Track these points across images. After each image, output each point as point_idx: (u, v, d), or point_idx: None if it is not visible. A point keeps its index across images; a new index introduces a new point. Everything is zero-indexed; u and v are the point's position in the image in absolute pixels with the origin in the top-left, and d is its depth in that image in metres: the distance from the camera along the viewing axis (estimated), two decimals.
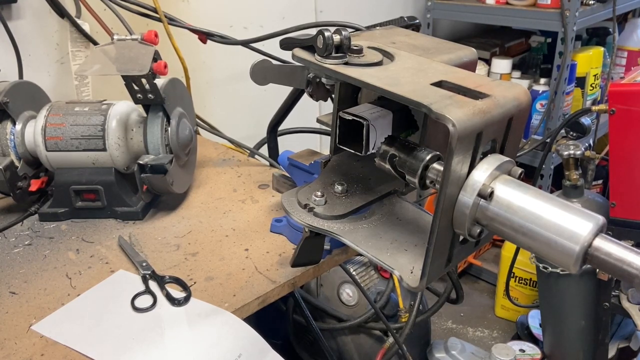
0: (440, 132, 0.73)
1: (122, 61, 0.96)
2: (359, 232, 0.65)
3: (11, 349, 0.73)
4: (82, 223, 1.02)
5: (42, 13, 1.34)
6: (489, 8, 2.29)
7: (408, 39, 0.74)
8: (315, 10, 2.05)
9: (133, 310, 0.79)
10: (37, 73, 1.36)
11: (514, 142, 0.60)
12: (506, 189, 0.54)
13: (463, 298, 1.69)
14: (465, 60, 0.72)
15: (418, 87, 0.57)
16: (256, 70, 0.84)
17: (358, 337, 1.60)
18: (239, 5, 1.81)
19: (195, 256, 0.92)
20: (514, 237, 0.55)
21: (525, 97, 0.59)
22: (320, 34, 0.60)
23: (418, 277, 0.58)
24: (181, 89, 1.10)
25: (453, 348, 1.87)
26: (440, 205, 0.53)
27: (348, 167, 0.73)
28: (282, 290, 0.85)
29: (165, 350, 0.72)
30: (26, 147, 1.02)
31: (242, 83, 1.35)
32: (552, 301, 1.78)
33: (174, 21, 1.25)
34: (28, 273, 0.89)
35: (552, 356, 1.91)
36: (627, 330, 1.90)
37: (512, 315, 2.37)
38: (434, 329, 2.28)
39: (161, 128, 1.01)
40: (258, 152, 1.33)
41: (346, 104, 0.71)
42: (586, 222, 0.50)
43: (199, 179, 1.18)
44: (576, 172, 1.62)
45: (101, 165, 1.02)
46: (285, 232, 0.96)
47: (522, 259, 2.08)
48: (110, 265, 0.90)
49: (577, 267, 0.51)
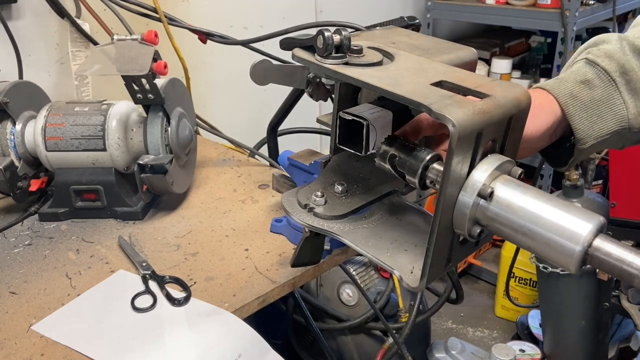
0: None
1: (122, 61, 0.96)
2: (359, 232, 0.65)
3: (11, 349, 0.73)
4: (82, 223, 1.02)
5: (42, 13, 1.34)
6: (489, 8, 2.29)
7: (408, 39, 0.74)
8: (315, 10, 2.05)
9: (133, 310, 0.79)
10: (37, 73, 1.36)
11: (514, 142, 0.60)
12: (506, 189, 0.54)
13: (463, 298, 1.69)
14: (465, 60, 0.72)
15: (418, 87, 0.56)
16: (256, 70, 0.84)
17: (358, 337, 1.60)
18: (239, 5, 1.81)
19: (195, 256, 0.92)
20: (514, 237, 0.54)
21: (525, 97, 0.59)
22: (320, 34, 0.60)
23: (418, 277, 0.58)
24: (181, 89, 1.10)
25: (453, 348, 1.87)
26: (440, 205, 0.53)
27: (348, 167, 0.73)
28: (282, 290, 0.85)
29: (165, 350, 0.72)
30: (26, 147, 1.02)
31: (242, 83, 1.35)
32: (552, 301, 1.78)
33: (174, 21, 1.25)
34: (28, 273, 0.89)
35: (552, 356, 1.91)
36: (627, 330, 1.90)
37: (512, 315, 2.37)
38: (434, 329, 2.29)
39: (161, 128, 1.01)
40: (258, 152, 1.33)
41: (346, 104, 0.71)
42: (586, 222, 0.50)
43: (199, 179, 1.18)
44: (576, 172, 1.62)
45: (101, 165, 1.02)
46: (285, 232, 0.96)
47: (522, 259, 2.08)
48: (110, 265, 0.90)
49: (577, 267, 0.51)
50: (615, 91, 0.70)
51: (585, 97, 0.70)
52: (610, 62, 0.70)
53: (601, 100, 0.70)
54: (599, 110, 0.70)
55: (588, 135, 0.71)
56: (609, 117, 0.70)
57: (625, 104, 0.70)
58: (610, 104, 0.70)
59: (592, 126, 0.70)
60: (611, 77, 0.70)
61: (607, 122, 0.71)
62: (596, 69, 0.71)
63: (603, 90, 0.70)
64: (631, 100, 0.70)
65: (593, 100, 0.70)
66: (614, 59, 0.70)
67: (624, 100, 0.70)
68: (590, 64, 0.71)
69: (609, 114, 0.70)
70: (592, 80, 0.70)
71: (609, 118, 0.70)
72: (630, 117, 0.71)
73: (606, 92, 0.70)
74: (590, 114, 0.70)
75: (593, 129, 0.70)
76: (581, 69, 0.72)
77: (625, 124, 0.71)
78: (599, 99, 0.70)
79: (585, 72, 0.71)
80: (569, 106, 0.70)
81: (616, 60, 0.70)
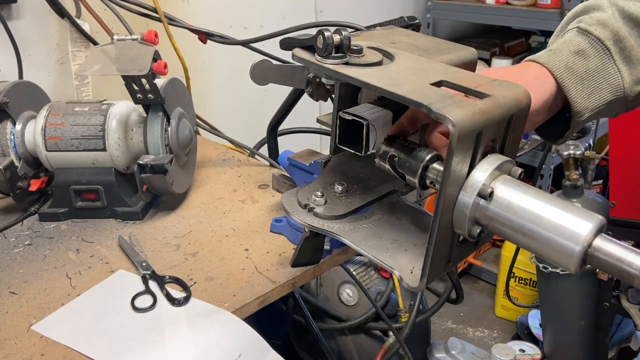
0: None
1: (122, 61, 0.96)
2: (359, 232, 0.65)
3: (11, 349, 0.73)
4: (82, 223, 1.02)
5: (42, 13, 1.34)
6: (489, 8, 2.29)
7: (408, 39, 0.74)
8: (315, 10, 2.05)
9: (133, 310, 0.79)
10: (37, 73, 1.36)
11: (514, 142, 0.60)
12: (506, 189, 0.54)
13: (463, 298, 1.69)
14: (465, 60, 0.72)
15: (418, 87, 0.56)
16: (256, 70, 0.84)
17: (358, 337, 1.60)
18: (239, 5, 1.81)
19: (195, 256, 0.92)
20: (514, 237, 0.54)
21: (525, 97, 0.59)
22: (320, 34, 0.60)
23: (418, 277, 0.58)
24: (181, 89, 1.10)
25: (453, 348, 1.87)
26: (440, 205, 0.53)
27: (348, 167, 0.73)
28: (282, 290, 0.85)
29: (165, 350, 0.72)
30: (26, 147, 1.02)
31: (242, 83, 1.35)
32: (552, 301, 1.78)
33: (174, 21, 1.25)
34: (28, 273, 0.89)
35: (552, 356, 1.91)
36: (627, 330, 1.90)
37: (512, 315, 2.37)
38: (434, 329, 2.29)
39: (161, 128, 1.01)
40: (258, 152, 1.33)
41: (346, 104, 0.71)
42: (586, 222, 0.50)
43: (199, 179, 1.18)
44: (576, 172, 1.62)
45: (101, 165, 1.02)
46: (285, 232, 0.96)
47: (522, 259, 2.08)
48: (110, 265, 0.90)
49: (577, 267, 0.51)
50: (610, 60, 0.69)
51: (581, 69, 0.68)
52: (603, 30, 0.69)
53: (596, 71, 0.69)
54: (595, 81, 0.69)
55: (585, 108, 0.69)
56: (604, 87, 0.69)
57: (620, 72, 0.69)
58: (605, 73, 0.69)
59: (589, 97, 0.69)
60: (605, 46, 0.68)
61: (603, 92, 0.69)
62: (589, 37, 0.69)
63: (598, 60, 0.69)
64: (625, 68, 0.69)
65: (588, 71, 0.69)
66: (607, 27, 0.69)
67: (619, 68, 0.69)
68: (583, 33, 0.70)
69: (604, 84, 0.69)
70: (586, 50, 0.69)
71: (605, 88, 0.69)
72: (626, 86, 0.69)
73: (601, 62, 0.69)
74: (586, 85, 0.69)
75: (590, 101, 0.69)
76: (574, 39, 0.70)
77: (621, 93, 0.70)
78: (594, 69, 0.69)
79: (579, 42, 0.69)
80: (565, 80, 0.68)
81: (609, 28, 0.69)
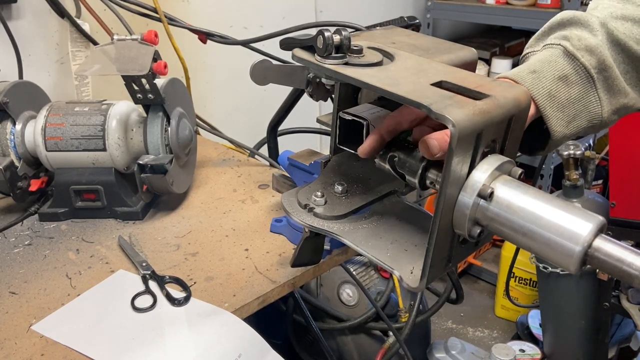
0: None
1: (122, 61, 0.96)
2: (359, 232, 0.65)
3: (11, 349, 0.73)
4: (82, 223, 1.02)
5: (42, 13, 1.34)
6: (489, 8, 2.29)
7: (408, 39, 0.74)
8: (315, 10, 2.05)
9: (133, 310, 0.79)
10: (37, 73, 1.36)
11: (514, 142, 0.60)
12: (506, 189, 0.54)
13: (463, 298, 1.69)
14: (465, 60, 0.72)
15: (418, 87, 0.56)
16: (256, 70, 0.84)
17: (358, 337, 1.60)
18: (239, 5, 1.81)
19: (195, 256, 0.92)
20: (514, 237, 0.54)
21: (525, 97, 0.59)
22: (320, 34, 0.60)
23: (418, 277, 0.58)
24: (181, 89, 1.10)
25: (453, 348, 1.87)
26: (440, 206, 0.53)
27: (348, 167, 0.73)
28: (282, 290, 0.85)
29: (165, 350, 0.72)
30: (26, 147, 1.02)
31: (242, 83, 1.35)
32: (552, 301, 1.78)
33: (174, 21, 1.25)
34: (28, 273, 0.89)
35: (552, 356, 1.91)
36: (627, 330, 1.90)
37: (512, 315, 2.37)
38: (434, 329, 2.29)
39: (161, 128, 1.01)
40: (258, 152, 1.33)
41: (346, 104, 0.71)
42: (586, 222, 0.50)
43: (199, 179, 1.18)
44: (576, 172, 1.62)
45: (101, 165, 1.02)
46: (285, 232, 0.96)
47: (522, 259, 2.08)
48: (110, 265, 0.90)
49: (577, 267, 0.51)
50: (592, 88, 0.69)
51: (563, 96, 0.68)
52: (590, 57, 0.68)
53: (577, 99, 0.69)
54: (575, 109, 0.69)
55: (563, 135, 0.70)
56: (583, 115, 0.69)
57: (600, 101, 0.69)
58: (586, 102, 0.69)
59: (567, 126, 0.69)
60: (590, 74, 0.68)
61: (582, 120, 0.70)
62: (575, 63, 0.68)
63: (581, 87, 0.69)
64: (606, 97, 0.69)
65: (570, 99, 0.69)
66: (595, 54, 0.68)
67: (600, 97, 0.69)
68: (569, 56, 0.69)
69: (584, 112, 0.69)
70: (570, 76, 0.68)
71: (584, 116, 0.70)
72: (604, 116, 0.70)
73: (584, 90, 0.69)
74: (566, 114, 0.69)
75: (568, 129, 0.69)
76: (559, 62, 0.69)
77: (597, 122, 0.70)
78: (575, 97, 0.69)
79: (564, 67, 0.69)
80: (546, 108, 0.68)
81: (597, 56, 0.68)
